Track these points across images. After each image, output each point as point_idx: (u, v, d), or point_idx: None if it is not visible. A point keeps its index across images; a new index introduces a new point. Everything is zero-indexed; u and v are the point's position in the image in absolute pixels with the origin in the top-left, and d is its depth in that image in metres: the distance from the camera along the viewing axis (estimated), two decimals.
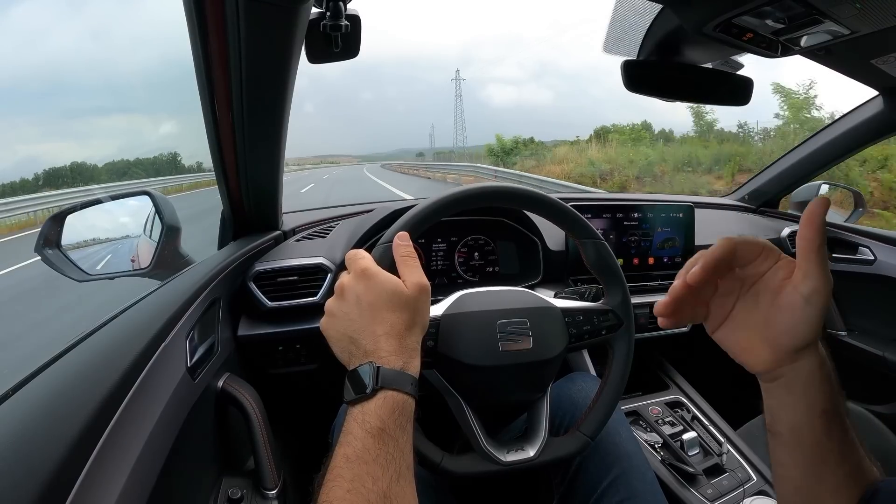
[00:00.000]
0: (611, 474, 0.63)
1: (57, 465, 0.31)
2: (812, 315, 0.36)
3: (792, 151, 1.39)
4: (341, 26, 0.53)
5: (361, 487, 0.36)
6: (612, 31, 0.74)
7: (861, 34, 0.59)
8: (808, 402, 0.37)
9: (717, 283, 0.40)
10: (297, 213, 1.12)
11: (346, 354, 0.46)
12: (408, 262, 0.49)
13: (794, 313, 0.36)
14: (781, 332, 0.37)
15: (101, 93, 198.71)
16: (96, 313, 0.57)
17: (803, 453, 0.39)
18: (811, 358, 0.37)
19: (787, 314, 0.36)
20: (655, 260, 1.13)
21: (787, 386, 0.38)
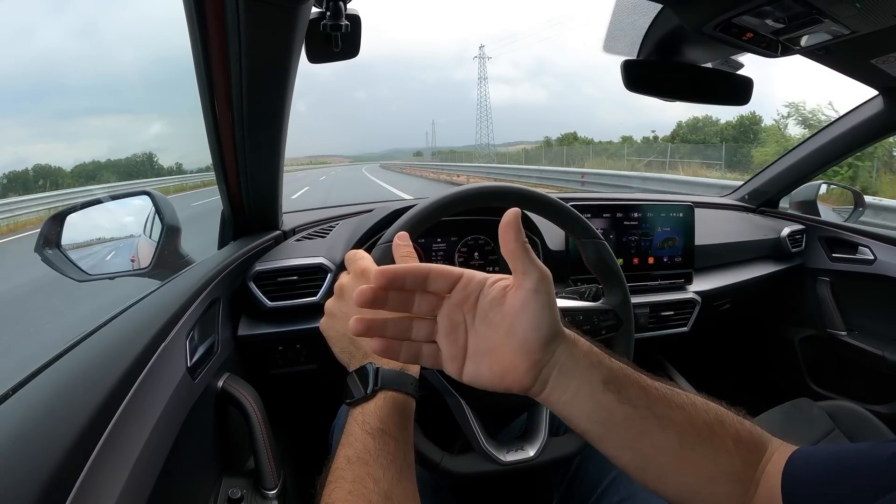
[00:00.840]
0: (611, 474, 0.63)
1: (57, 465, 0.31)
2: (546, 302, 0.35)
3: (792, 151, 1.39)
4: (341, 26, 0.53)
5: (363, 488, 0.36)
6: (612, 30, 0.74)
7: (861, 34, 0.59)
8: (586, 383, 0.36)
9: (431, 323, 0.38)
10: (297, 212, 1.12)
11: (346, 355, 0.46)
12: (408, 262, 0.49)
13: (529, 308, 0.35)
14: (526, 332, 0.35)
15: (90, 92, 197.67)
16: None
17: (620, 435, 0.37)
18: (564, 343, 0.37)
19: (524, 314, 0.35)
20: (655, 260, 1.13)
21: (558, 385, 0.37)
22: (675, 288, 1.13)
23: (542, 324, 0.35)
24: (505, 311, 0.36)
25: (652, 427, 0.36)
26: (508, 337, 0.36)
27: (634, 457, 0.37)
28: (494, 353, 0.37)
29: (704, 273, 1.21)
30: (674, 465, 0.36)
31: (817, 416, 1.06)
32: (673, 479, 0.37)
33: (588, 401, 0.36)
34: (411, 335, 0.38)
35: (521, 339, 0.36)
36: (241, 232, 0.90)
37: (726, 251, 1.27)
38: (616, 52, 0.77)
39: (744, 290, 1.23)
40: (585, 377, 0.36)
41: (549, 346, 0.36)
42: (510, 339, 0.36)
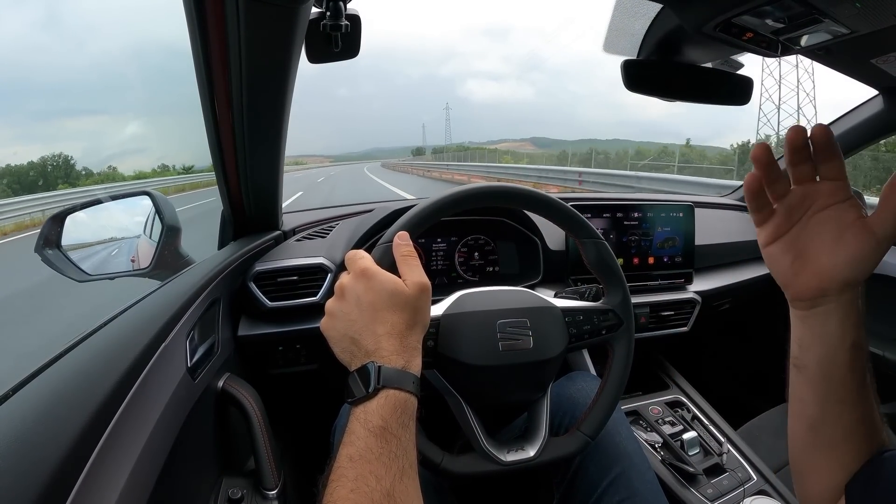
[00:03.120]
0: (611, 474, 0.63)
1: (57, 465, 0.31)
2: (878, 255, 0.37)
3: None
4: (341, 26, 0.53)
5: (365, 486, 0.36)
6: (612, 30, 0.74)
7: (861, 34, 0.59)
8: (842, 334, 0.39)
9: (784, 189, 0.40)
10: (298, 213, 1.12)
11: (347, 355, 0.46)
12: (408, 262, 0.49)
13: (862, 250, 0.36)
14: (842, 265, 0.37)
15: (63, 93, 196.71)
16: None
17: (827, 388, 0.40)
18: (856, 291, 0.38)
19: (855, 250, 0.37)
20: (655, 259, 1.13)
21: (824, 315, 0.39)
22: (675, 288, 1.13)
23: (860, 269, 0.37)
24: (841, 235, 0.37)
25: (848, 401, 0.39)
26: (823, 256, 0.38)
27: (816, 412, 0.41)
28: (800, 256, 0.39)
29: (704, 273, 1.21)
30: (834, 437, 0.40)
31: None
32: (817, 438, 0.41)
33: (831, 348, 0.39)
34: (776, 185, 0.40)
35: (831, 267, 0.38)
36: (241, 232, 0.90)
37: (726, 251, 1.27)
38: (616, 51, 0.77)
39: (744, 290, 1.23)
40: (847, 328, 0.39)
41: (846, 286, 0.38)
42: (822, 258, 0.38)
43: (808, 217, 0.39)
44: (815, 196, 0.39)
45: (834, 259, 0.38)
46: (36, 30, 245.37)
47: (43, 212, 9.05)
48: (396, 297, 0.45)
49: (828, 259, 0.38)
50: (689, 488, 0.86)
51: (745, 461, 0.94)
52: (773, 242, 0.41)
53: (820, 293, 0.39)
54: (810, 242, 0.39)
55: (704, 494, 0.86)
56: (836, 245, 0.38)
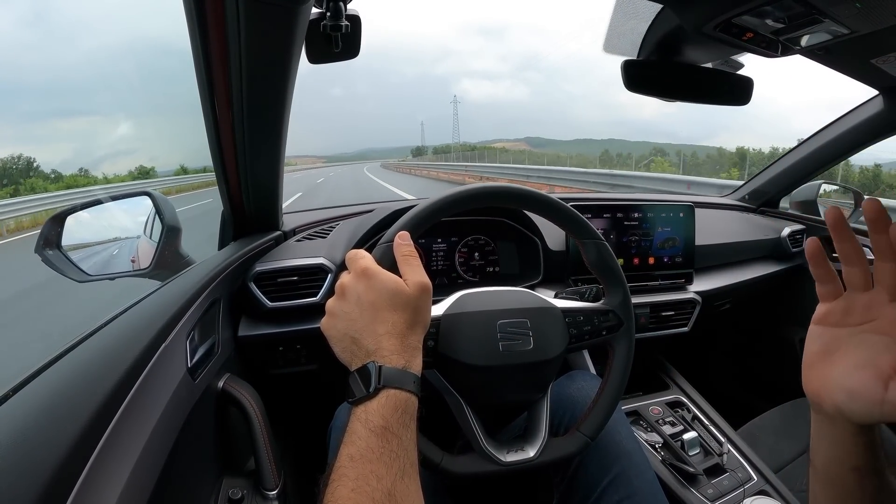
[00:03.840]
0: (611, 473, 0.63)
1: (57, 465, 0.31)
2: (877, 412, 0.33)
3: (792, 151, 1.39)
4: (341, 26, 0.53)
5: (366, 486, 0.36)
6: (612, 30, 0.74)
7: (861, 34, 0.59)
8: (842, 452, 0.37)
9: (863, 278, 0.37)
10: (298, 213, 1.12)
11: (347, 354, 0.46)
12: (409, 262, 0.49)
13: (866, 396, 0.34)
14: (842, 391, 0.35)
15: (56, 94, 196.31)
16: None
17: (835, 494, 0.38)
18: (853, 425, 0.36)
19: (862, 391, 0.34)
20: (656, 260, 1.13)
21: (827, 423, 0.37)
22: (675, 288, 1.13)
23: (853, 408, 0.34)
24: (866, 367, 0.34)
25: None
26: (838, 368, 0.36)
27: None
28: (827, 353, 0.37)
29: (705, 273, 1.21)
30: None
31: None
32: None
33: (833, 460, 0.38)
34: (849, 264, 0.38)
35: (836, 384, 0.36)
36: (241, 232, 0.90)
37: (727, 251, 1.27)
38: (616, 52, 0.77)
39: (744, 290, 1.23)
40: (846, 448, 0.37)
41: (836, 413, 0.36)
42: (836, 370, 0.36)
43: (860, 329, 0.36)
44: (879, 315, 0.35)
45: (842, 380, 0.35)
46: (22, 27, 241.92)
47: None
48: (397, 296, 0.45)
49: (838, 376, 0.36)
50: (690, 488, 0.86)
51: (745, 461, 0.94)
52: (818, 324, 0.39)
53: (815, 399, 0.37)
54: (841, 350, 0.36)
55: (705, 495, 0.86)
56: (854, 370, 0.35)
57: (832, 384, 0.36)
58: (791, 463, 1.01)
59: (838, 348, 0.37)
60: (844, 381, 0.35)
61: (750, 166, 10.99)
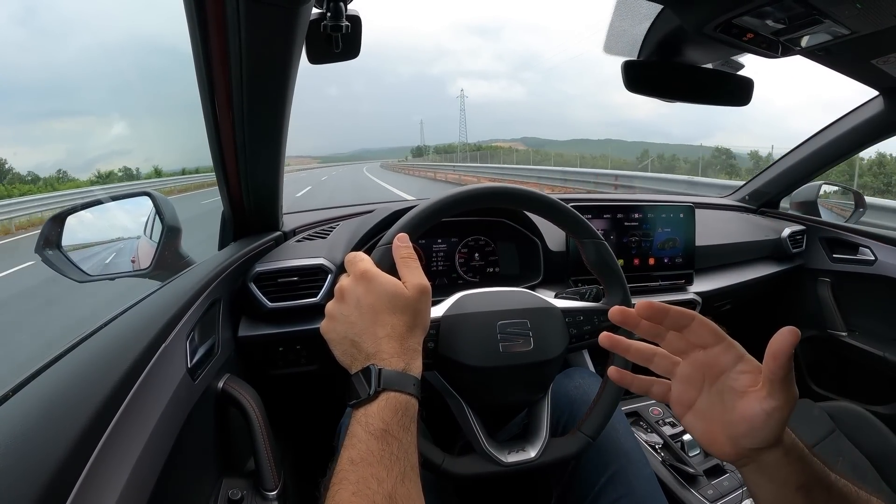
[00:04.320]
0: (609, 471, 0.63)
1: (57, 465, 0.31)
2: (772, 426, 0.36)
3: (792, 152, 1.39)
4: (342, 27, 0.53)
5: (367, 489, 0.36)
6: (612, 31, 0.74)
7: (861, 34, 0.59)
8: (781, 482, 0.38)
9: (672, 362, 0.41)
10: (298, 213, 1.12)
11: (347, 357, 0.46)
12: (408, 264, 0.49)
13: (754, 422, 0.36)
14: (742, 434, 0.37)
15: (50, 94, 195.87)
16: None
17: None
18: (775, 451, 0.37)
19: (748, 422, 0.36)
20: (656, 260, 1.13)
21: (757, 471, 0.38)
22: (675, 289, 1.12)
23: (759, 439, 0.37)
24: (738, 405, 0.37)
25: None
26: (727, 425, 0.38)
27: None
28: (711, 423, 0.39)
29: (705, 274, 1.21)
30: None
31: (818, 417, 1.06)
32: None
33: (776, 494, 0.38)
34: (651, 365, 0.42)
35: (736, 435, 0.37)
36: (241, 233, 0.90)
37: (727, 252, 1.27)
38: (616, 52, 0.77)
39: (744, 290, 1.23)
40: (783, 477, 0.37)
41: (759, 452, 0.37)
42: (728, 427, 0.38)
43: (708, 386, 0.40)
44: (706, 365, 0.39)
45: (733, 430, 0.38)
46: (13, 25, 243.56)
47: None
48: (396, 299, 0.45)
49: (729, 429, 0.38)
50: (690, 489, 0.86)
51: None
52: (683, 419, 0.41)
53: (737, 458, 0.39)
54: (713, 411, 0.39)
55: (704, 495, 0.86)
56: (731, 415, 0.38)
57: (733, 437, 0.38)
58: None
59: (711, 412, 0.39)
60: (736, 427, 0.37)
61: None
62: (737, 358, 0.38)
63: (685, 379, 0.40)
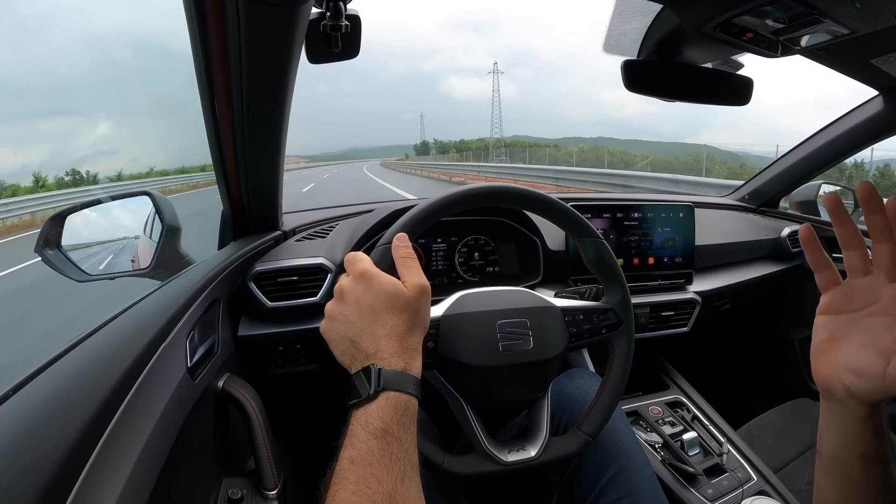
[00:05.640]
0: (610, 471, 0.63)
1: (57, 465, 0.31)
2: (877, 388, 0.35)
3: (792, 151, 1.39)
4: (341, 26, 0.53)
5: (367, 489, 0.36)
6: (612, 30, 0.74)
7: (861, 34, 0.59)
8: (848, 440, 0.38)
9: (861, 268, 0.39)
10: (298, 213, 1.12)
11: (347, 357, 0.46)
12: (407, 263, 0.49)
13: (867, 372, 0.35)
14: (849, 370, 0.36)
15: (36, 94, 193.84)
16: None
17: (840, 482, 0.39)
18: (859, 406, 0.37)
19: (864, 367, 0.36)
20: (656, 260, 1.13)
21: (836, 411, 0.38)
22: (675, 288, 1.13)
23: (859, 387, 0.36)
24: (870, 350, 0.36)
25: (867, 498, 0.38)
26: (847, 353, 0.37)
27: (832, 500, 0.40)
28: (836, 341, 0.38)
29: (704, 273, 1.21)
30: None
31: (817, 417, 1.06)
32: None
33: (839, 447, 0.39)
34: (847, 249, 0.40)
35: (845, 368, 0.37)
36: (241, 232, 0.90)
37: (726, 251, 1.27)
38: (616, 52, 0.77)
39: (744, 290, 1.23)
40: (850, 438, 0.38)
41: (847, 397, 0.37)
42: (846, 355, 0.37)
43: (863, 314, 0.38)
44: (879, 297, 0.37)
45: (847, 362, 0.37)
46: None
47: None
48: (396, 298, 0.45)
49: (844, 359, 0.37)
50: (689, 488, 0.86)
51: (745, 461, 0.94)
52: (823, 314, 0.40)
53: (825, 386, 0.39)
54: (846, 335, 0.38)
55: (704, 495, 0.86)
56: (857, 351, 0.37)
57: (839, 367, 0.37)
58: (791, 463, 1.01)
59: (843, 335, 0.38)
60: (850, 362, 0.37)
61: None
62: None
63: (857, 290, 0.38)
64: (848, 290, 0.39)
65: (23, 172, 29.68)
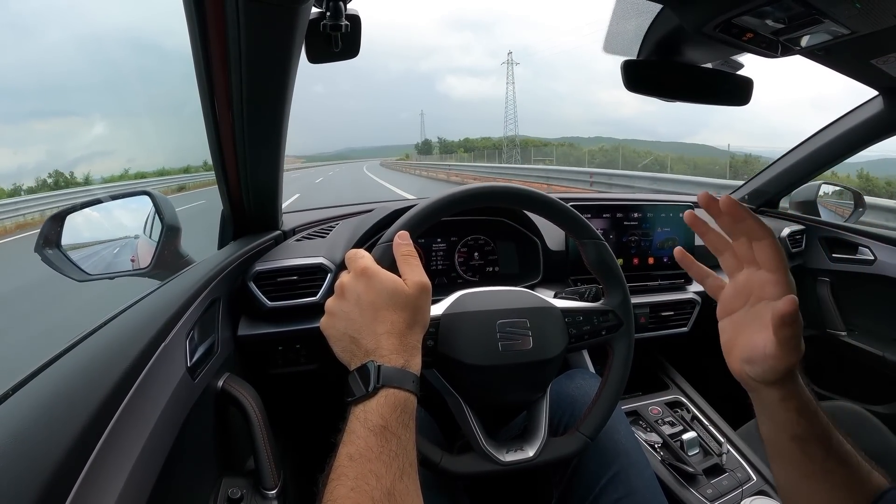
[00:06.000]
0: (609, 471, 0.63)
1: (57, 465, 0.31)
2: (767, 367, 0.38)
3: (792, 151, 1.39)
4: (341, 26, 0.53)
5: (365, 485, 0.36)
6: (612, 30, 0.74)
7: (861, 34, 0.59)
8: (779, 425, 0.40)
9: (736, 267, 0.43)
10: (298, 212, 1.12)
11: (346, 354, 0.46)
12: (408, 261, 0.49)
13: (754, 355, 0.39)
14: (747, 359, 0.40)
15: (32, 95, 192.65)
16: None
17: (784, 466, 0.41)
18: (771, 391, 0.39)
19: (753, 352, 0.39)
20: (655, 260, 1.13)
21: (758, 404, 0.41)
22: (675, 288, 1.13)
23: (756, 372, 0.40)
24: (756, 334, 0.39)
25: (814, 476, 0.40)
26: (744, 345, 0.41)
27: (786, 483, 0.42)
28: (736, 337, 0.42)
29: None
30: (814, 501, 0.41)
31: None
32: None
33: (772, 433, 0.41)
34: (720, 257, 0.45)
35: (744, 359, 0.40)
36: (240, 232, 0.90)
37: None
38: (616, 52, 0.77)
39: None
40: (780, 423, 0.40)
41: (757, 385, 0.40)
42: (744, 348, 0.41)
43: (751, 304, 0.41)
44: (756, 286, 0.41)
45: (745, 352, 0.40)
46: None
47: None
48: (396, 296, 0.45)
49: (743, 350, 0.40)
50: (689, 488, 0.86)
51: (744, 461, 0.94)
52: (721, 318, 0.44)
53: (741, 378, 0.41)
54: (741, 329, 0.41)
55: (704, 495, 0.86)
56: (749, 338, 0.40)
57: (738, 360, 0.41)
58: None
59: (742, 330, 0.41)
60: (743, 353, 0.40)
61: None
62: (780, 293, 0.39)
63: (738, 287, 0.42)
64: (732, 289, 0.43)
65: (18, 174, 29.39)
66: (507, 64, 73.19)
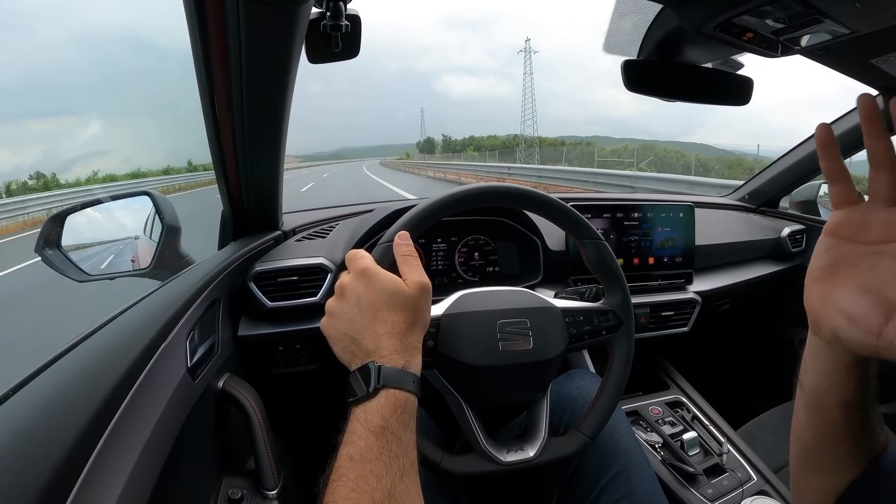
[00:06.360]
0: (610, 471, 0.63)
1: (57, 465, 0.31)
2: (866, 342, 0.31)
3: (792, 151, 1.39)
4: (341, 26, 0.53)
5: (365, 486, 0.36)
6: (612, 30, 0.74)
7: (861, 34, 0.59)
8: (832, 385, 0.37)
9: (887, 193, 0.32)
10: (298, 213, 1.12)
11: (347, 354, 0.46)
12: (409, 261, 0.49)
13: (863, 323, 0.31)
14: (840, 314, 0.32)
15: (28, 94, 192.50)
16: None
17: (818, 424, 0.39)
18: (843, 353, 0.34)
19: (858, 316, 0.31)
20: (656, 260, 1.13)
21: (820, 348, 0.36)
22: (675, 288, 1.13)
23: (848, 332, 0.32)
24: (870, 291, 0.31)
25: (843, 441, 0.38)
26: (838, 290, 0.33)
27: (809, 437, 0.41)
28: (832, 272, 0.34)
29: (705, 273, 1.21)
30: (825, 463, 0.40)
31: None
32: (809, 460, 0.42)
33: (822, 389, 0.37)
34: (874, 168, 0.33)
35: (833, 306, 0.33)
36: (241, 232, 0.90)
37: (726, 251, 1.27)
38: (616, 51, 0.77)
39: (744, 290, 1.23)
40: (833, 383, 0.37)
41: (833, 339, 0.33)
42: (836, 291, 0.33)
43: (874, 249, 0.32)
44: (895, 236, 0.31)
45: (843, 303, 0.32)
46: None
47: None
48: (397, 296, 0.45)
49: (839, 299, 0.32)
50: (689, 488, 0.86)
51: (744, 461, 0.94)
52: (830, 235, 0.35)
53: (814, 318, 0.34)
54: (849, 269, 0.33)
55: (704, 494, 0.86)
56: (857, 294, 0.31)
57: (832, 305, 0.33)
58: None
59: (847, 267, 0.33)
60: (845, 304, 0.32)
61: None
62: None
63: (877, 220, 0.32)
64: (865, 215, 0.33)
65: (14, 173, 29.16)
66: (525, 52, 62.93)
